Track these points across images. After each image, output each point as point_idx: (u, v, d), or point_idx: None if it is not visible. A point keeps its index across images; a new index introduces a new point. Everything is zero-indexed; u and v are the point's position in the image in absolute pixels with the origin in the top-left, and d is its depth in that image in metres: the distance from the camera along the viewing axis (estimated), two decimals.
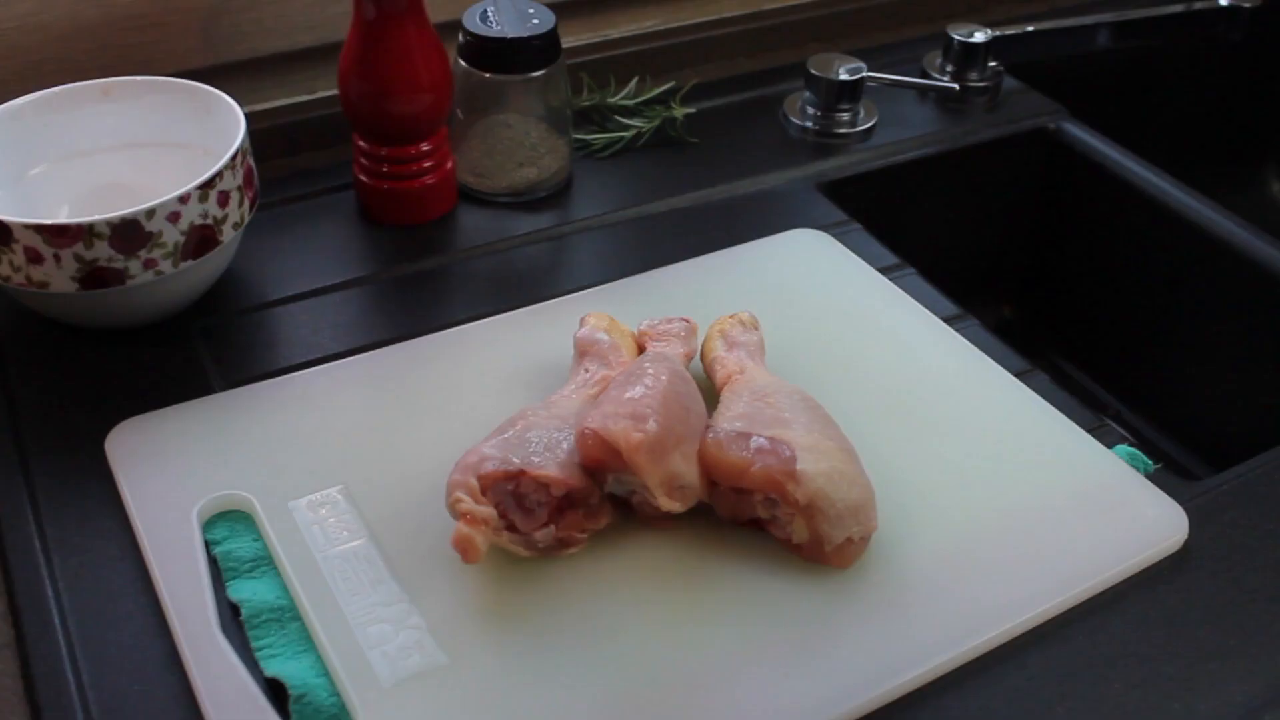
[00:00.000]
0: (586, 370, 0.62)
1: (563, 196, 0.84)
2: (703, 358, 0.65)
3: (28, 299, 0.67)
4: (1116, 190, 0.93)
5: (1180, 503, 0.60)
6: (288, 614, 0.53)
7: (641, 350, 0.64)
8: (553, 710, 0.49)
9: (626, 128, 0.90)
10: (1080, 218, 0.98)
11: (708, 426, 0.57)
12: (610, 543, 0.56)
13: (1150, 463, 0.64)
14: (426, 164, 0.78)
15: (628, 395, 0.56)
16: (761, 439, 0.55)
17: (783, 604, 0.54)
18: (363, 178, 0.79)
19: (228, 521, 0.58)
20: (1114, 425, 0.76)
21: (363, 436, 0.62)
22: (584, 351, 0.64)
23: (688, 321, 0.66)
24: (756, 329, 0.66)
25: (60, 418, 0.64)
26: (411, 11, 0.73)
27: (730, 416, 0.58)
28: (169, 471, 0.59)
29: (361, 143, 0.78)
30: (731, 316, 0.67)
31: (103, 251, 0.62)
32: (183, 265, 0.65)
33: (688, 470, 0.55)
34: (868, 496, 0.55)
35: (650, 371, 0.58)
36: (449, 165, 0.80)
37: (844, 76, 0.91)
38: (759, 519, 0.56)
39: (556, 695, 0.50)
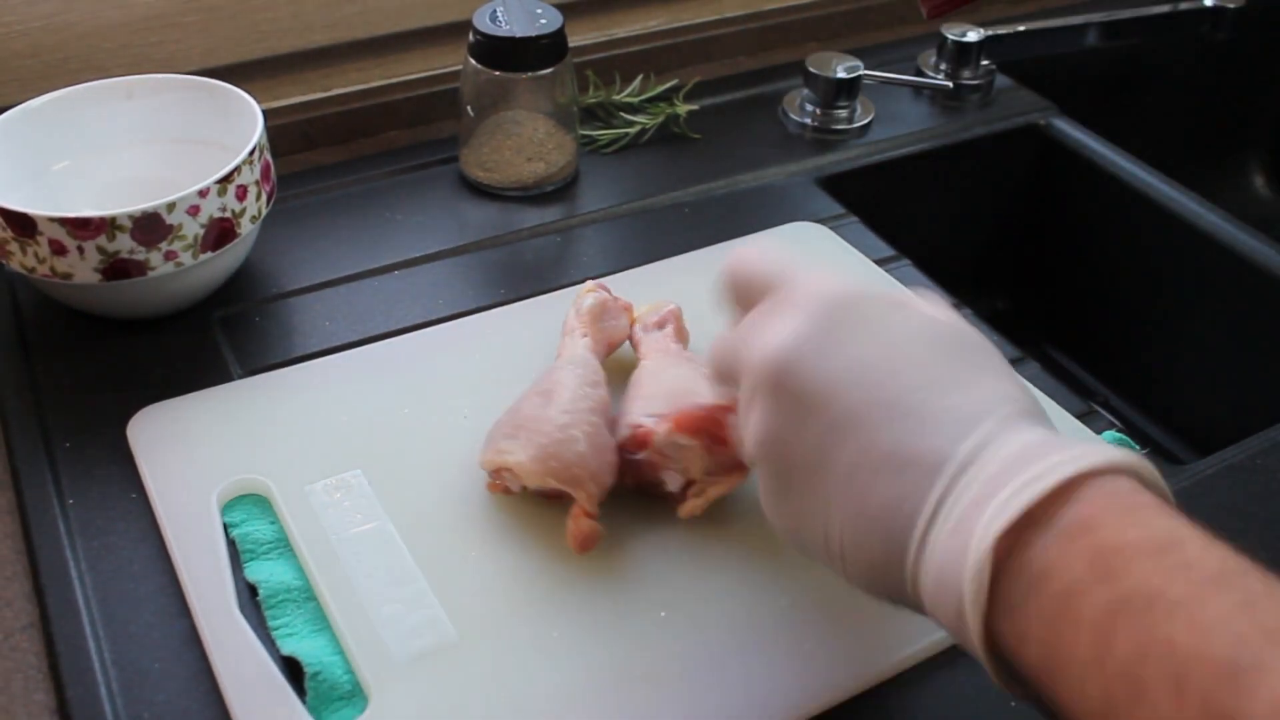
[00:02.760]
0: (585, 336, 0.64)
1: (569, 190, 0.85)
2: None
3: (52, 289, 0.67)
4: (1105, 185, 0.94)
5: None
6: (304, 594, 0.54)
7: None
8: (560, 687, 0.50)
9: (631, 124, 0.90)
10: (1070, 211, 0.99)
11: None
12: (617, 532, 0.57)
13: (1137, 447, 0.64)
14: None
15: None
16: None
17: (778, 590, 0.55)
18: None
19: (246, 504, 0.58)
20: (1102, 412, 0.77)
21: (376, 422, 0.62)
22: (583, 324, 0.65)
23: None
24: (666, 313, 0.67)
25: (83, 404, 0.64)
26: None
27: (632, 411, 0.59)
28: (189, 456, 0.59)
29: None
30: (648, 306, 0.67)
31: (125, 244, 0.63)
32: (202, 257, 0.66)
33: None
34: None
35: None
36: None
37: (842, 75, 0.91)
38: (666, 491, 0.57)
39: (563, 674, 0.51)
